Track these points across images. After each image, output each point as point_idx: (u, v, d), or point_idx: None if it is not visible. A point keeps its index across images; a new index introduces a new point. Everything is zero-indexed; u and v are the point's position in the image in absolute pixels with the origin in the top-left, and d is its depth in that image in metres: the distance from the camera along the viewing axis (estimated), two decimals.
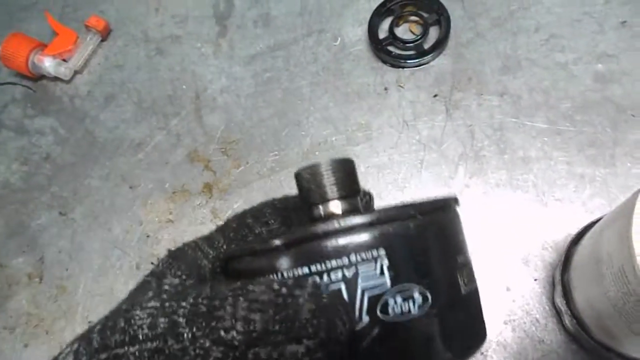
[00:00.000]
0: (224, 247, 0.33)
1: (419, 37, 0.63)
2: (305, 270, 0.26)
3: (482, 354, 0.49)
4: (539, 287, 0.51)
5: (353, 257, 0.26)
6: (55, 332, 0.58)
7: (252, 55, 0.69)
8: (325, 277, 0.26)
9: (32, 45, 0.72)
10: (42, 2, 0.80)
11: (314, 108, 0.64)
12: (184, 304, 0.23)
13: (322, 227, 0.26)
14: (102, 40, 0.75)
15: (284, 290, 0.23)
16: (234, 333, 0.22)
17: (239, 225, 0.35)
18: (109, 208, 0.64)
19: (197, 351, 0.23)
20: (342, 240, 0.26)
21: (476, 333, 0.30)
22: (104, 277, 0.60)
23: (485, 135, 0.58)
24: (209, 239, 0.34)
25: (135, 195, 0.64)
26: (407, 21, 0.66)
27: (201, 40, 0.72)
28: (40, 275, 0.62)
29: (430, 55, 0.62)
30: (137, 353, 0.23)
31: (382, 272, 0.26)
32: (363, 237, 0.26)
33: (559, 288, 0.47)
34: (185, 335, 0.23)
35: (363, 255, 0.26)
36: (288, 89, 0.66)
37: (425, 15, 0.65)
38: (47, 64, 0.71)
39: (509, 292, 0.51)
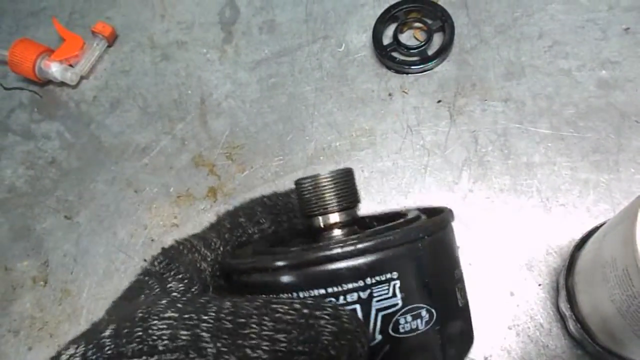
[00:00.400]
0: (221, 248, 0.33)
1: (423, 43, 0.64)
2: (322, 291, 0.27)
3: (485, 358, 0.49)
4: (543, 292, 0.51)
5: (368, 280, 0.27)
6: (59, 336, 0.58)
7: (257, 61, 0.70)
8: (341, 298, 0.27)
9: (39, 50, 0.72)
10: (50, 8, 0.81)
11: (318, 113, 0.64)
12: (205, 317, 0.24)
13: (337, 251, 0.26)
14: (109, 46, 0.76)
15: (305, 310, 0.24)
16: (260, 352, 0.23)
17: (233, 226, 0.35)
18: (114, 212, 0.64)
19: None
20: (359, 264, 0.27)
21: (468, 339, 0.31)
22: (108, 280, 0.60)
23: (489, 141, 0.58)
24: (204, 239, 0.34)
25: (140, 200, 0.64)
26: (411, 28, 0.67)
27: (207, 46, 0.73)
28: (45, 279, 0.62)
29: (434, 62, 0.63)
30: None
31: (394, 294, 0.27)
32: (378, 260, 0.27)
33: (563, 293, 0.47)
34: (209, 350, 0.23)
35: (377, 278, 0.27)
36: (293, 95, 0.66)
37: (429, 21, 0.65)
38: (54, 69, 0.72)
39: (513, 297, 0.51)
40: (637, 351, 0.40)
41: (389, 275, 0.27)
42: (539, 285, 0.51)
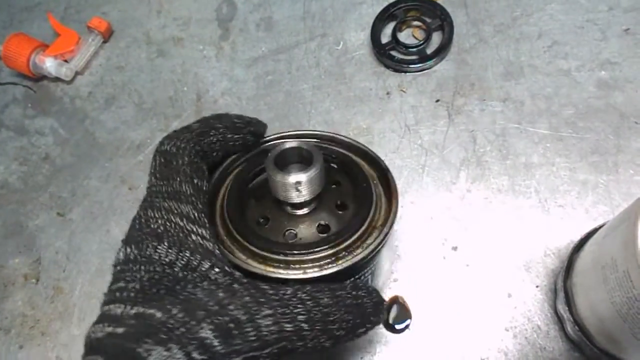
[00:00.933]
0: (206, 221, 0.36)
1: (422, 42, 0.63)
2: (351, 279, 0.37)
3: (482, 359, 0.49)
4: (540, 294, 0.50)
5: (375, 259, 0.39)
6: (50, 334, 0.58)
7: (254, 58, 0.69)
8: (361, 278, 0.39)
9: (34, 45, 0.71)
10: (45, 3, 0.80)
11: (315, 111, 0.64)
12: (297, 311, 0.31)
13: (363, 255, 0.36)
14: (104, 42, 0.75)
15: (354, 292, 0.33)
16: (342, 331, 0.32)
17: (197, 191, 0.37)
18: (107, 209, 0.63)
19: (314, 345, 0.31)
20: (372, 256, 0.37)
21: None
22: (101, 279, 0.60)
23: (488, 141, 0.58)
24: (186, 217, 0.35)
25: (134, 197, 0.63)
26: (410, 26, 0.66)
27: (203, 42, 0.72)
28: (36, 276, 0.61)
29: (432, 61, 0.62)
30: (267, 354, 0.30)
31: (376, 261, 0.40)
32: (381, 249, 0.38)
33: (561, 295, 0.46)
34: (307, 335, 0.30)
35: (377, 258, 0.40)
36: (290, 92, 0.66)
37: (428, 20, 0.65)
38: (49, 64, 0.71)
39: (511, 299, 0.51)
40: (636, 354, 0.40)
41: (379, 256, 0.39)
42: (537, 286, 0.51)
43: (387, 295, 0.52)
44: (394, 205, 0.39)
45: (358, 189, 0.40)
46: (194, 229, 0.34)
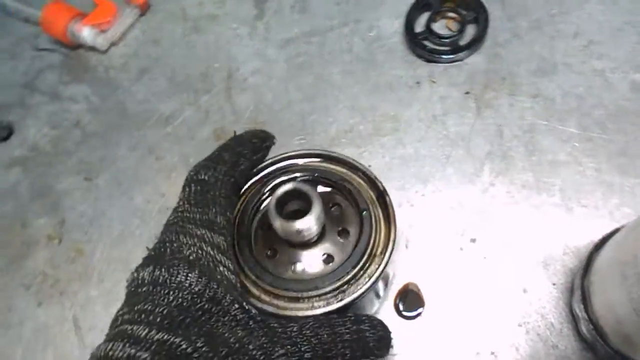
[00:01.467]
0: (230, 251, 0.38)
1: (456, 33, 0.63)
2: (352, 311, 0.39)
3: (492, 353, 0.48)
4: (556, 292, 0.50)
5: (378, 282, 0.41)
6: (68, 294, 0.59)
7: (287, 40, 0.69)
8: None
9: (72, 13, 0.73)
10: None
11: (343, 96, 0.64)
12: (304, 348, 0.33)
13: (364, 287, 0.39)
14: (141, 15, 0.76)
15: (354, 327, 0.35)
16: None
17: (228, 220, 0.39)
18: (132, 177, 0.64)
19: None
20: (375, 285, 0.40)
21: None
22: (122, 244, 0.61)
23: (514, 136, 0.57)
24: (217, 246, 0.37)
25: (159, 167, 0.64)
26: (444, 17, 0.66)
27: (238, 21, 0.73)
28: (59, 238, 0.62)
29: (465, 52, 0.62)
30: None
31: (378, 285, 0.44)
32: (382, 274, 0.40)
33: (577, 293, 0.46)
34: None
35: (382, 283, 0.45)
36: (320, 75, 0.66)
37: (463, 12, 0.65)
38: (85, 33, 0.72)
39: (526, 294, 0.50)
40: None
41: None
42: (553, 284, 0.50)
43: (400, 283, 0.53)
44: (392, 232, 0.41)
45: (358, 215, 0.42)
46: (223, 261, 0.36)
